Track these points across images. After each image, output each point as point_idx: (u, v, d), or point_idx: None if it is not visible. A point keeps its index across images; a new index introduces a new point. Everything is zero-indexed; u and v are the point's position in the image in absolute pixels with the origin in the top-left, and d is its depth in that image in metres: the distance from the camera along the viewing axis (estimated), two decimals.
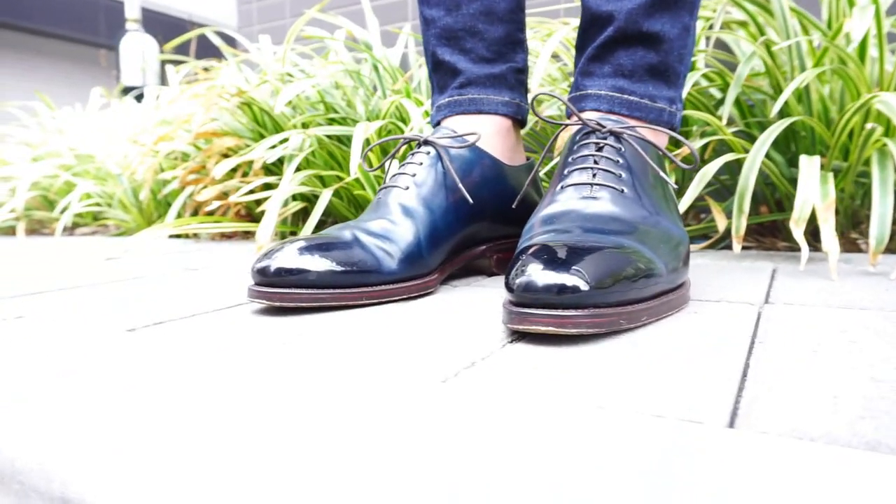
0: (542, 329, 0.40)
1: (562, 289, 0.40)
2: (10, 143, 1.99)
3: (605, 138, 0.57)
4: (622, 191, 0.53)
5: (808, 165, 0.72)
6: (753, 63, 0.88)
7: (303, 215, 1.32)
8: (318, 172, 1.19)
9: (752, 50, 0.88)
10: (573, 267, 0.41)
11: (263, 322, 0.50)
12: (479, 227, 0.67)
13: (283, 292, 0.52)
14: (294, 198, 1.29)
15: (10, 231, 1.67)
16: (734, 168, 0.97)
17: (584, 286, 0.40)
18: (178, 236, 1.44)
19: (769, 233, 0.98)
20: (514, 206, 0.67)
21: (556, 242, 0.45)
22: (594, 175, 0.54)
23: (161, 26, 5.50)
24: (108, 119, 1.88)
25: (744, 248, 0.92)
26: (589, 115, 0.61)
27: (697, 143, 0.88)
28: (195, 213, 1.41)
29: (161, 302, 0.59)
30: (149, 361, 0.39)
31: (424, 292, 0.59)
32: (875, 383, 0.32)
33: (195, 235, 1.44)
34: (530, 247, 0.45)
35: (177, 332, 0.47)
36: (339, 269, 0.54)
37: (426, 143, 0.66)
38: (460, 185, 0.62)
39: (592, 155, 0.56)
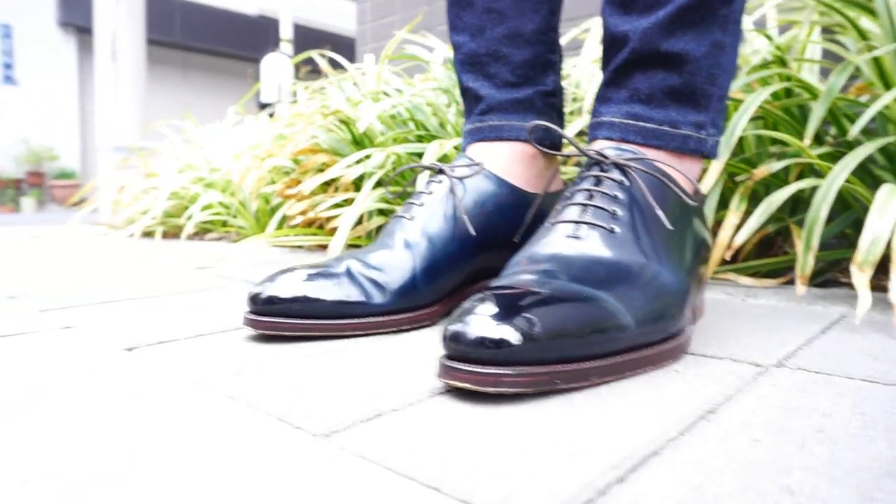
0: (462, 385, 0.38)
1: (488, 343, 0.38)
2: (163, 157, 2.27)
3: (606, 171, 0.52)
4: (612, 230, 0.49)
5: (889, 195, 0.61)
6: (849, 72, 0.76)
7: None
8: (398, 189, 1.22)
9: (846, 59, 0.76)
10: (514, 318, 0.38)
11: (243, 347, 0.52)
12: (495, 257, 0.65)
13: (267, 321, 0.54)
14: (379, 212, 1.34)
15: (151, 234, 1.91)
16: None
17: (514, 340, 0.38)
18: (280, 245, 1.56)
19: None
20: (515, 240, 0.64)
21: (507, 289, 0.42)
22: (584, 211, 0.50)
23: (313, 41, 5.96)
24: (240, 134, 2.07)
25: (830, 283, 0.80)
26: (603, 145, 0.56)
27: (776, 166, 0.78)
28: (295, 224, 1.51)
29: (169, 321, 0.65)
30: (127, 384, 0.43)
31: (416, 325, 0.59)
32: None
33: (298, 246, 1.55)
34: (481, 292, 0.43)
35: (159, 354, 0.51)
36: (324, 300, 0.55)
37: (440, 171, 0.65)
38: (464, 216, 0.61)
39: (589, 189, 0.52)
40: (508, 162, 0.66)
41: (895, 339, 0.51)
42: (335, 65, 1.97)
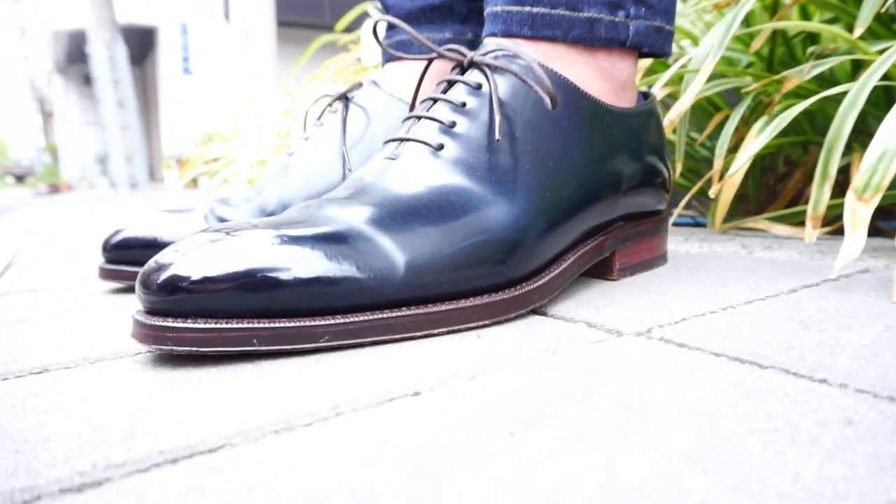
0: (130, 336, 0.29)
1: (155, 284, 0.28)
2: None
3: (465, 72, 0.40)
4: (439, 147, 0.36)
5: None
6: None
7: None
8: None
9: None
10: (202, 256, 0.29)
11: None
12: None
13: (113, 269, 0.49)
14: None
15: None
16: None
17: (188, 284, 0.28)
18: None
19: None
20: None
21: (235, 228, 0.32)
22: (415, 123, 0.38)
23: None
24: None
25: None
26: (488, 44, 0.43)
27: (814, 70, 0.56)
28: None
29: None
30: None
31: None
32: None
33: None
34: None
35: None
36: (165, 242, 0.49)
37: (345, 98, 0.56)
38: (344, 149, 0.51)
39: (433, 97, 0.39)
40: (415, 81, 0.54)
41: (876, 303, 0.33)
42: None
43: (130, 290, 0.49)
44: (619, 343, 0.29)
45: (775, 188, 0.78)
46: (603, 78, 0.42)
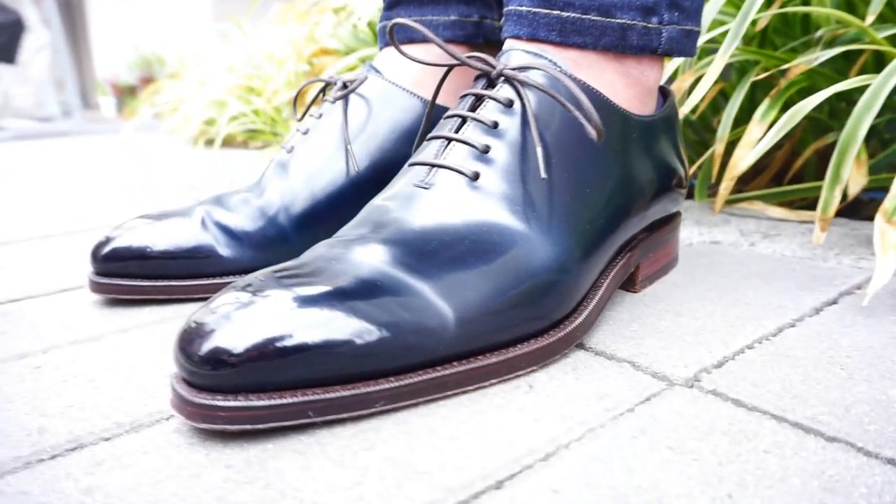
0: (180, 417, 0.28)
1: (201, 359, 0.27)
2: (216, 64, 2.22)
3: (494, 86, 0.37)
4: (475, 176, 0.34)
5: None
6: None
7: None
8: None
9: None
10: (250, 323, 0.27)
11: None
12: None
13: (106, 283, 0.46)
14: None
15: (212, 142, 1.89)
16: None
17: (233, 358, 0.26)
18: None
19: None
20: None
21: (265, 281, 0.30)
22: (445, 147, 0.36)
23: None
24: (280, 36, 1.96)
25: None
26: (510, 46, 0.40)
27: (821, 56, 0.56)
28: None
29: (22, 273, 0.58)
30: None
31: None
32: None
33: None
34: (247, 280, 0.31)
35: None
36: (169, 256, 0.46)
37: (345, 86, 0.52)
38: (349, 147, 0.48)
39: (461, 115, 0.37)
40: (422, 72, 0.51)
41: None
42: None
43: (125, 302, 0.46)
44: (672, 398, 0.29)
45: (763, 160, 0.79)
46: (632, 86, 0.40)
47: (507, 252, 0.32)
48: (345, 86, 0.51)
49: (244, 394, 0.27)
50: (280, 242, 0.47)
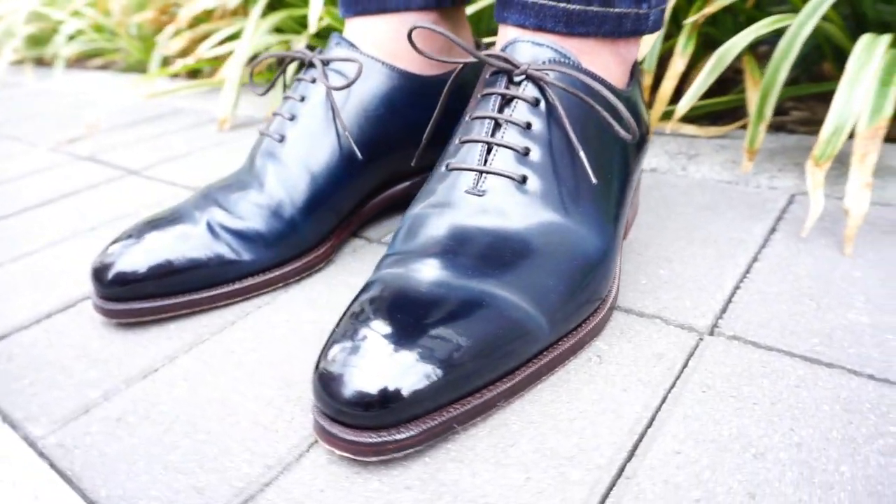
0: (341, 454, 0.31)
1: (370, 402, 0.30)
2: None
3: (517, 85, 0.40)
4: (522, 179, 0.38)
5: (866, 54, 0.49)
6: None
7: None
8: (293, 13, 1.01)
9: None
10: (404, 362, 0.30)
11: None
12: (398, 162, 0.54)
13: (120, 309, 0.44)
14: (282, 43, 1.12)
15: (21, 61, 1.62)
16: None
17: (405, 395, 0.30)
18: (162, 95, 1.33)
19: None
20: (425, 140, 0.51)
21: (394, 306, 0.33)
22: (488, 152, 0.39)
23: None
24: None
25: (783, 124, 0.72)
26: (514, 35, 0.42)
27: None
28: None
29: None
30: None
31: (306, 274, 0.50)
32: None
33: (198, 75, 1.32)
34: (359, 309, 0.33)
35: None
36: (186, 270, 0.45)
37: (312, 64, 0.50)
38: (346, 134, 0.48)
39: (493, 117, 0.39)
40: (397, 41, 0.51)
41: (845, 255, 0.45)
42: None
43: (139, 323, 0.45)
44: (710, 350, 0.37)
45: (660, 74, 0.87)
46: (620, 64, 0.45)
47: (569, 249, 0.37)
48: (321, 61, 0.50)
49: (404, 425, 0.31)
50: (291, 233, 0.48)
